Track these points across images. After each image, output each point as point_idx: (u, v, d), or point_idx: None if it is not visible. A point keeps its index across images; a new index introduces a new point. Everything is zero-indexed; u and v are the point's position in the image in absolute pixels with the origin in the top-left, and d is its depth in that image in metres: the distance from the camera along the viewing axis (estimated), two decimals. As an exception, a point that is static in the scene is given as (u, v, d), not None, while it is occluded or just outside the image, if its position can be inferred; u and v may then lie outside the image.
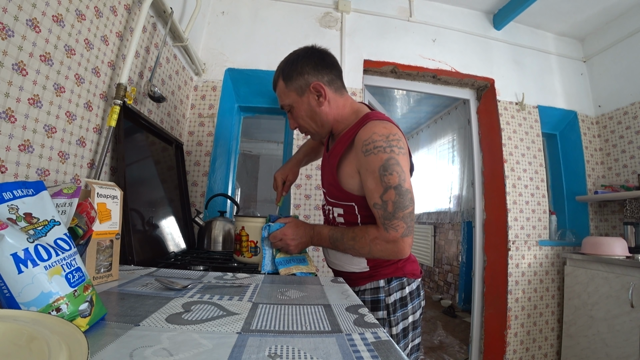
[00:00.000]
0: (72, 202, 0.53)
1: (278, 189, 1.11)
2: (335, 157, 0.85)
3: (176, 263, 1.03)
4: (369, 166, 0.76)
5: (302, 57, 0.85)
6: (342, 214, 0.89)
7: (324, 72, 0.85)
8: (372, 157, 0.75)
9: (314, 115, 0.87)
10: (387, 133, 0.76)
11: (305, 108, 0.86)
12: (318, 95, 0.85)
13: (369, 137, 0.76)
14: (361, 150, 0.77)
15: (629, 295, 1.61)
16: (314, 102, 0.85)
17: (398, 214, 0.75)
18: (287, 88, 0.86)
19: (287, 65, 0.86)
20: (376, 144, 0.75)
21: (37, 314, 0.35)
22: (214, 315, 0.48)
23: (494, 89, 2.19)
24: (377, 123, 0.79)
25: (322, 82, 0.84)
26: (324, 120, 0.87)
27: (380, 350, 0.39)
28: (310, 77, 0.84)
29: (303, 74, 0.84)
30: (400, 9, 2.14)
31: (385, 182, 0.74)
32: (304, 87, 0.84)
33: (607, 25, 2.29)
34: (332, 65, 0.88)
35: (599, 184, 2.25)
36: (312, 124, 0.89)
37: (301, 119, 0.89)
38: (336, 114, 0.88)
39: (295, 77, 0.84)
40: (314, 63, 0.85)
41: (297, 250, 0.91)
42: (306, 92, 0.85)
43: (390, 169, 0.74)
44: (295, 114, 0.88)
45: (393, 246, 0.77)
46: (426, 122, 4.33)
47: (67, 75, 0.82)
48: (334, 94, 0.87)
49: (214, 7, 1.90)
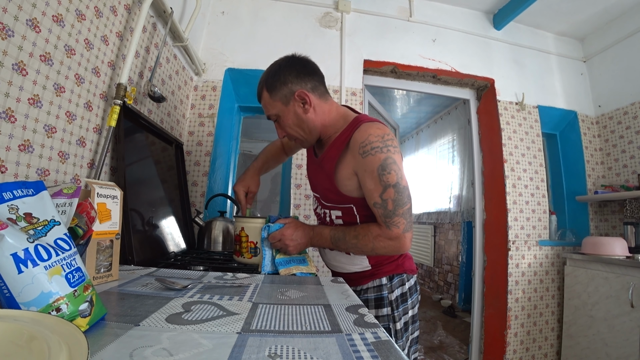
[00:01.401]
0: (72, 202, 0.53)
1: (242, 202, 1.06)
2: (331, 161, 0.85)
3: (176, 263, 1.03)
4: (368, 167, 0.78)
5: (284, 66, 0.85)
6: (340, 216, 0.90)
7: (306, 79, 0.85)
8: (370, 158, 0.77)
9: (301, 123, 0.87)
10: (382, 134, 0.79)
11: (292, 116, 0.86)
12: (303, 103, 0.85)
13: (366, 139, 0.78)
14: (358, 152, 0.79)
15: (629, 295, 1.61)
16: (300, 109, 0.85)
17: (398, 211, 0.77)
18: (272, 98, 0.86)
19: (270, 76, 0.86)
20: (373, 144, 0.77)
21: (37, 314, 0.35)
22: (214, 315, 0.48)
23: (494, 89, 2.19)
24: (371, 125, 0.81)
25: (306, 89, 0.84)
26: (312, 127, 0.87)
27: (380, 350, 0.39)
28: (294, 86, 0.84)
29: (286, 83, 0.84)
30: (400, 9, 2.14)
31: (384, 181, 0.77)
32: (289, 96, 0.84)
33: (607, 25, 2.29)
34: (314, 72, 0.88)
35: (599, 184, 2.25)
36: (300, 131, 0.89)
37: (289, 128, 0.89)
38: (323, 120, 0.88)
39: (279, 87, 0.84)
40: (297, 71, 0.85)
41: (296, 251, 0.91)
42: (291, 101, 0.85)
43: (388, 168, 0.77)
44: (282, 123, 0.89)
45: (396, 242, 0.79)
46: (426, 122, 4.33)
47: (67, 75, 0.82)
48: (319, 100, 0.87)
49: (214, 7, 1.90)
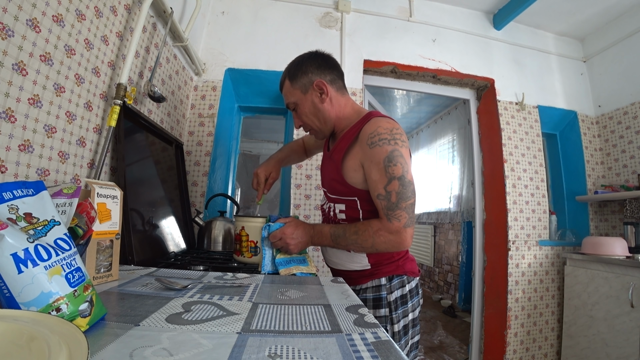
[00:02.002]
0: (72, 202, 0.53)
1: (260, 185, 1.08)
2: (339, 152, 0.88)
3: (176, 263, 1.03)
4: (374, 158, 0.79)
5: (307, 58, 0.92)
6: (344, 210, 0.90)
7: (326, 71, 0.91)
8: (377, 149, 0.79)
9: (317, 112, 0.92)
10: (390, 127, 0.81)
11: (309, 105, 0.91)
12: (320, 93, 0.90)
13: (374, 130, 0.80)
14: (366, 143, 0.81)
15: (629, 295, 1.61)
16: (317, 99, 0.90)
17: (401, 204, 0.77)
18: (292, 86, 0.92)
19: (293, 66, 0.93)
20: (381, 136, 0.79)
21: (37, 314, 0.35)
22: (214, 315, 0.48)
23: (494, 89, 2.19)
24: (382, 119, 0.84)
25: (325, 80, 0.90)
26: (327, 117, 0.92)
27: (380, 350, 0.39)
28: (314, 76, 0.90)
29: (307, 73, 0.90)
30: (400, 9, 2.14)
31: (390, 173, 0.78)
32: (308, 85, 0.90)
33: (607, 25, 2.29)
34: (334, 66, 0.94)
35: (599, 184, 2.25)
36: (316, 120, 0.93)
37: (305, 116, 0.93)
38: (338, 112, 0.92)
39: (300, 76, 0.90)
40: (318, 64, 0.91)
41: (296, 250, 0.91)
42: (309, 90, 0.90)
43: (394, 160, 0.78)
44: (299, 111, 0.93)
45: (396, 237, 0.79)
46: (426, 122, 4.33)
47: (67, 75, 0.82)
48: (336, 92, 0.92)
49: (214, 7, 1.90)
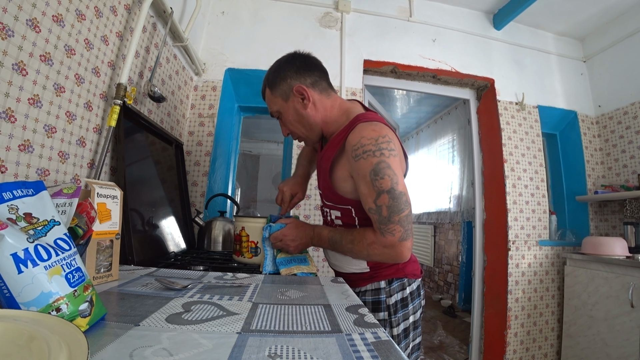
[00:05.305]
0: (72, 202, 0.53)
1: (285, 203, 1.03)
2: (327, 160, 0.84)
3: (176, 263, 1.03)
4: (360, 171, 0.74)
5: (284, 63, 0.87)
6: (339, 217, 0.88)
7: (306, 74, 0.85)
8: (362, 162, 0.74)
9: (302, 119, 0.87)
10: (375, 136, 0.74)
11: (292, 113, 0.87)
12: (302, 98, 0.85)
13: (357, 142, 0.75)
14: (351, 156, 0.76)
15: (629, 295, 1.61)
16: (299, 105, 0.85)
17: (394, 218, 0.73)
18: (273, 95, 0.87)
19: (271, 73, 0.87)
20: (365, 148, 0.73)
21: (37, 314, 0.35)
22: (214, 315, 0.48)
23: (494, 89, 2.19)
24: (366, 126, 0.77)
25: (305, 84, 0.84)
26: (312, 123, 0.87)
27: (380, 350, 0.39)
28: (293, 81, 0.84)
29: (286, 79, 0.85)
30: (400, 9, 2.14)
31: (377, 186, 0.72)
32: (288, 92, 0.85)
33: (607, 25, 2.29)
34: (315, 67, 0.88)
35: (599, 184, 2.25)
36: (301, 128, 0.89)
37: (290, 124, 0.89)
38: (324, 116, 0.87)
39: (279, 83, 0.85)
40: (296, 67, 0.85)
41: (297, 250, 0.91)
42: (290, 97, 0.85)
43: (381, 172, 0.72)
44: (284, 119, 0.89)
45: (391, 251, 0.75)
46: (426, 122, 4.33)
47: (67, 75, 0.82)
48: (319, 95, 0.86)
49: (214, 7, 1.90)
